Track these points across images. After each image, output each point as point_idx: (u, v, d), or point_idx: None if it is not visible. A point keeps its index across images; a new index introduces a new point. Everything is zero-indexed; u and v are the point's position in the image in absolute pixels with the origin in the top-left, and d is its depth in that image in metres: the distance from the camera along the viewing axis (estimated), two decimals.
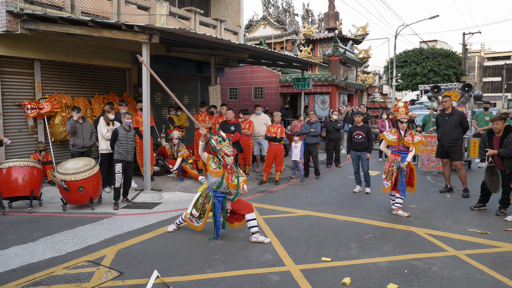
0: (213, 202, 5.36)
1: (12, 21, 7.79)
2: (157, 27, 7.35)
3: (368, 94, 25.75)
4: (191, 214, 5.47)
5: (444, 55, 37.64)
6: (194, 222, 5.49)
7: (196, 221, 5.48)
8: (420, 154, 10.51)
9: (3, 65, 8.48)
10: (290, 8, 26.39)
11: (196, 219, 5.47)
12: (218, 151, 5.25)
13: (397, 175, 6.61)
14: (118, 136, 7.12)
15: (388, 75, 35.13)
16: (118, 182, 7.15)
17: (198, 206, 5.45)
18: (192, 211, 5.47)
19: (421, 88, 13.47)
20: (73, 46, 9.59)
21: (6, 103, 8.64)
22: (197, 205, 5.45)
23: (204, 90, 14.31)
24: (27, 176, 6.88)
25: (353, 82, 18.39)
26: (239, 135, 8.84)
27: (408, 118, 6.63)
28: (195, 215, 5.45)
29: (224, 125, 9.02)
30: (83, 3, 9.27)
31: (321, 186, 9.12)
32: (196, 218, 5.47)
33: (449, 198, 7.84)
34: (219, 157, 5.27)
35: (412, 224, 6.12)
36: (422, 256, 4.81)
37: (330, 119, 11.59)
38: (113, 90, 11.02)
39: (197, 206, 5.45)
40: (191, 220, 5.50)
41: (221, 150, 5.22)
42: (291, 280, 4.17)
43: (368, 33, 21.62)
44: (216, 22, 13.56)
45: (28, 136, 9.11)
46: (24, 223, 6.27)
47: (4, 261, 4.69)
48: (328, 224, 6.13)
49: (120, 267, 4.50)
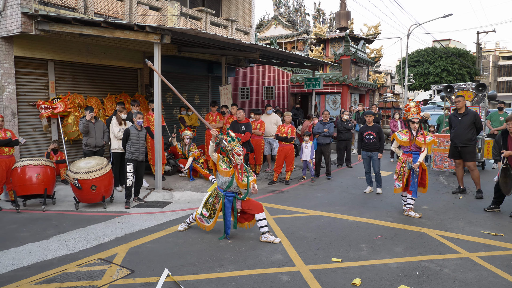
0: (223, 201, 5.38)
1: (26, 23, 7.91)
2: (168, 28, 7.40)
3: (380, 94, 25.53)
4: (201, 214, 5.50)
5: (458, 54, 37.13)
6: (204, 222, 5.52)
7: (206, 220, 5.50)
8: (432, 154, 10.40)
9: (18, 66, 8.62)
10: (301, 8, 26.33)
11: (206, 219, 5.49)
12: (229, 151, 5.26)
13: (409, 176, 6.54)
14: (129, 135, 7.19)
15: (400, 74, 34.80)
16: (129, 181, 7.22)
17: (208, 206, 5.47)
18: (202, 211, 5.49)
19: (434, 87, 13.33)
20: (86, 47, 9.72)
21: (21, 103, 8.78)
22: (207, 205, 5.47)
23: (215, 90, 14.36)
24: (41, 175, 7.00)
25: (364, 81, 18.27)
26: (249, 135, 8.85)
27: (420, 118, 6.55)
28: (205, 215, 5.47)
29: (235, 125, 9.03)
30: (96, 4, 9.38)
31: (332, 186, 9.09)
32: (206, 218, 5.49)
33: (462, 199, 7.74)
34: (230, 157, 5.29)
35: (424, 225, 6.05)
36: (434, 258, 4.76)
37: (341, 119, 11.54)
38: (125, 90, 11.13)
39: (207, 206, 5.47)
40: (201, 220, 5.53)
41: (233, 150, 5.23)
42: (301, 280, 4.17)
43: (380, 32, 21.46)
44: (227, 22, 13.60)
45: (42, 135, 9.25)
46: (38, 221, 6.38)
47: (18, 258, 4.77)
48: (339, 225, 6.10)
49: (131, 265, 4.55)
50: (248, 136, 8.86)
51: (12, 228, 5.99)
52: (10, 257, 4.83)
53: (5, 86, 8.25)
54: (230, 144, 5.27)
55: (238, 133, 8.73)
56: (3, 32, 8.08)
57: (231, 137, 5.33)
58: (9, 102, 8.34)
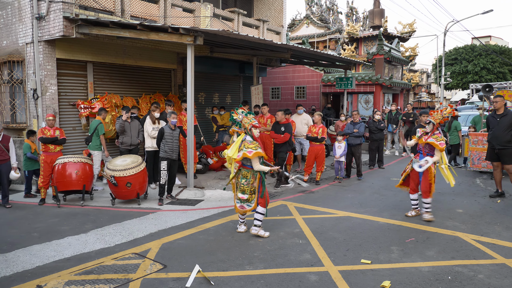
0: (262, 176, 5.47)
1: (68, 26, 8.30)
2: (201, 29, 7.55)
3: (415, 93, 24.87)
4: (240, 200, 5.48)
5: (499, 52, 35.51)
6: (246, 207, 5.49)
7: (248, 205, 5.46)
8: (470, 153, 10.05)
9: (60, 68, 9.06)
10: (334, 6, 26.04)
11: (248, 203, 5.45)
12: (247, 124, 5.39)
13: (414, 175, 6.50)
14: (164, 134, 7.40)
15: (436, 73, 33.72)
16: (163, 179, 7.44)
17: (245, 188, 5.41)
18: (238, 195, 5.47)
19: (472, 87, 12.88)
20: (123, 49, 10.07)
21: (62, 103, 9.23)
22: (243, 188, 5.43)
23: (246, 90, 14.48)
24: (80, 172, 7.34)
25: (398, 81, 17.86)
26: (289, 136, 8.87)
27: (432, 119, 6.36)
28: (243, 198, 5.43)
29: (276, 125, 9.09)
30: (132, 8, 9.69)
31: (363, 187, 8.98)
32: (246, 202, 5.44)
33: (499, 203, 7.45)
34: (248, 132, 5.38)
35: (458, 229, 5.89)
36: (468, 263, 4.63)
37: (373, 119, 11.36)
38: (159, 90, 11.44)
39: (243, 188, 5.42)
40: (243, 207, 5.50)
41: (251, 122, 5.39)
42: (329, 280, 4.18)
43: (415, 30, 20.89)
44: (258, 23, 13.68)
45: (81, 134, 9.68)
46: (77, 215, 6.70)
47: (59, 250, 5.05)
48: (369, 226, 6.04)
49: (164, 260, 4.71)
50: (288, 136, 8.85)
51: (54, 222, 6.33)
52: (52, 248, 5.12)
53: (47, 87, 8.70)
54: (247, 117, 5.38)
55: (277, 134, 8.87)
56: (46, 36, 8.52)
57: (245, 112, 5.47)
58: (51, 102, 8.78)
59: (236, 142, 5.50)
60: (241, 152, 5.32)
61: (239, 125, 5.52)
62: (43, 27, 8.58)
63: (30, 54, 8.86)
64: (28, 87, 8.92)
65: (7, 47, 9.48)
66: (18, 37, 9.18)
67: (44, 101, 8.72)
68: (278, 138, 8.89)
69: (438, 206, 7.16)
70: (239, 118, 5.44)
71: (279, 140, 8.89)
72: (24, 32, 9.00)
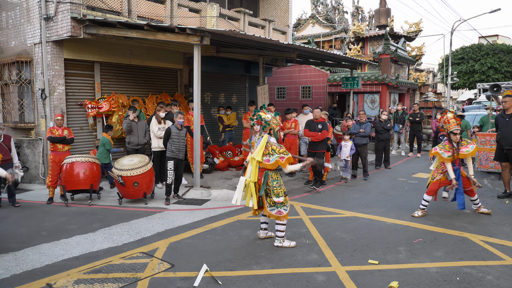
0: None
1: (75, 27, 8.36)
2: (208, 29, 7.57)
3: (421, 93, 24.75)
4: (276, 205, 5.09)
5: (506, 51, 35.21)
6: (284, 211, 5.13)
7: (285, 209, 5.12)
8: (478, 154, 9.99)
9: (68, 68, 9.13)
10: (340, 6, 25.99)
11: (284, 207, 5.12)
12: (275, 125, 5.22)
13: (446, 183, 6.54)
14: (170, 134, 7.43)
15: (443, 73, 33.52)
16: (169, 179, 7.47)
17: (279, 190, 5.11)
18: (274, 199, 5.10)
19: (480, 86, 12.79)
20: (130, 49, 10.12)
21: (70, 103, 9.29)
22: (277, 191, 5.11)
23: (252, 90, 14.50)
24: (88, 171, 7.38)
25: (404, 80, 17.78)
26: (326, 133, 8.76)
27: (449, 129, 6.38)
28: (279, 202, 5.09)
29: (311, 123, 8.98)
30: (139, 8, 9.74)
31: (369, 187, 8.95)
32: (283, 206, 5.11)
33: (508, 204, 7.41)
34: (275, 133, 5.28)
35: (466, 230, 5.86)
36: (476, 264, 4.61)
37: (379, 119, 11.32)
38: (166, 90, 11.48)
39: (277, 192, 5.11)
40: (280, 212, 5.10)
41: (278, 123, 5.29)
42: (336, 280, 4.17)
43: (421, 29, 20.80)
44: (264, 22, 13.68)
45: (88, 133, 9.74)
46: (85, 214, 6.75)
47: (68, 249, 5.09)
48: (376, 227, 6.03)
49: (171, 259, 4.73)
50: (326, 134, 8.74)
51: (62, 221, 6.37)
52: (60, 247, 5.16)
53: (55, 87, 8.77)
54: (275, 118, 5.28)
55: (314, 132, 8.67)
56: (54, 36, 8.59)
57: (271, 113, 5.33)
58: (59, 102, 8.84)
59: (261, 144, 5.12)
60: (274, 158, 5.03)
61: (268, 124, 5.20)
62: (51, 27, 8.65)
63: (38, 55, 8.94)
64: (36, 87, 9.00)
65: (16, 48, 9.57)
66: (26, 38, 9.26)
67: (52, 101, 8.79)
68: (316, 135, 8.62)
69: (445, 206, 7.14)
70: (268, 118, 5.19)
71: (317, 137, 8.62)
72: (32, 32, 9.08)
